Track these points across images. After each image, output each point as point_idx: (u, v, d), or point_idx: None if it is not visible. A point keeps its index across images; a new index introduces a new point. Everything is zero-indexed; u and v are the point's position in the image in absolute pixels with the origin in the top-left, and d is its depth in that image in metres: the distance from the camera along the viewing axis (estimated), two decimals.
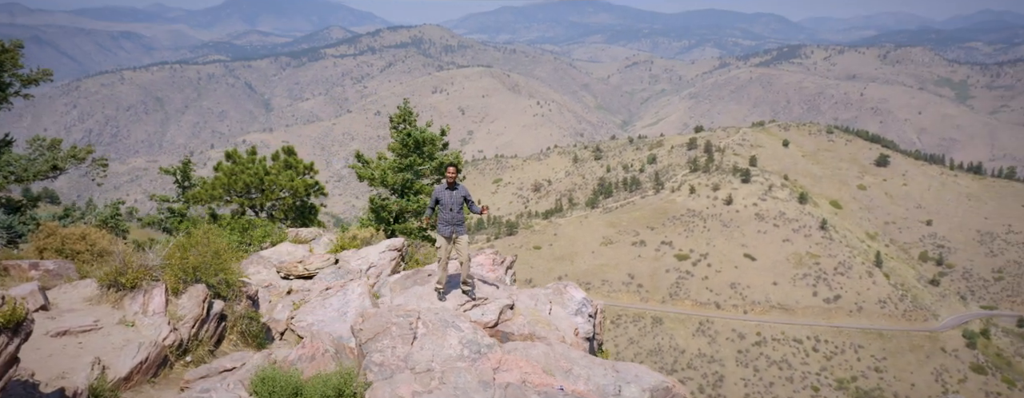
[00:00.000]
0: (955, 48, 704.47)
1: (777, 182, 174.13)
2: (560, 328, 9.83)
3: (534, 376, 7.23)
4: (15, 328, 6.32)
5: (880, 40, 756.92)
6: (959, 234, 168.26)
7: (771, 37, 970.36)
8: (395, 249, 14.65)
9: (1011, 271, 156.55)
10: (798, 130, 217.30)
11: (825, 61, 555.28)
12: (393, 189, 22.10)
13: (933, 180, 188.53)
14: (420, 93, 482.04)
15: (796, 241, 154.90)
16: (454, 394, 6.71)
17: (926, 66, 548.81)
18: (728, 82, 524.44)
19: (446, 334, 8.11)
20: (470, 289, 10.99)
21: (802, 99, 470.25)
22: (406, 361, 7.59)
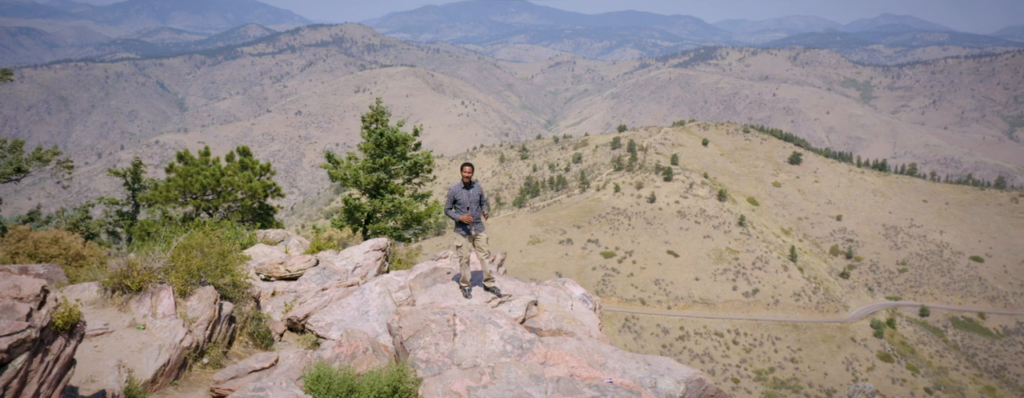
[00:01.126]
0: (859, 50, 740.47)
1: (698, 180, 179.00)
2: (585, 323, 9.97)
3: (581, 370, 7.29)
4: (71, 330, 6.25)
5: (790, 42, 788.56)
6: (866, 228, 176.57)
7: (688, 38, 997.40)
8: (379, 249, 14.61)
9: (913, 263, 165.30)
10: (717, 129, 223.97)
11: (739, 62, 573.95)
12: (365, 189, 21.80)
13: (842, 177, 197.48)
14: (342, 93, 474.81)
15: (716, 237, 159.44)
16: (508, 388, 6.75)
17: (833, 67, 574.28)
18: (648, 82, 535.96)
19: (485, 330, 8.11)
20: (494, 286, 11.03)
21: (719, 99, 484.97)
22: (451, 357, 7.59)
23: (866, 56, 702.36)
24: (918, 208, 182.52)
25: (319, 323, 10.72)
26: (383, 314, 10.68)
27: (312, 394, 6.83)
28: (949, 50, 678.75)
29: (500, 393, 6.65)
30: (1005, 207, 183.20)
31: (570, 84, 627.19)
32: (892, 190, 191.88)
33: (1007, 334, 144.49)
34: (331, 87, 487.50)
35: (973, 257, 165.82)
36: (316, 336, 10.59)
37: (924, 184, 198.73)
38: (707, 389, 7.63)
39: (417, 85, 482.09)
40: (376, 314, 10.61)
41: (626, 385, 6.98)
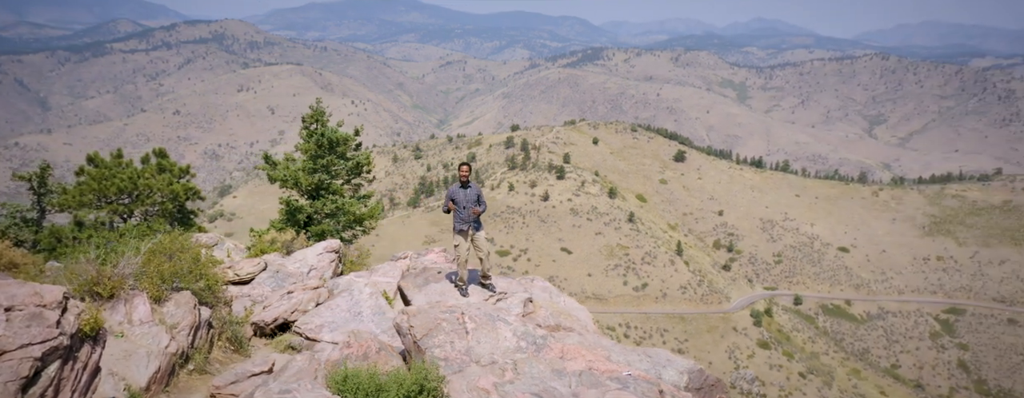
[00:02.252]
0: (735, 52, 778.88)
1: (589, 178, 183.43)
2: (579, 318, 10.16)
3: (598, 363, 7.42)
4: (95, 336, 6.14)
5: (672, 44, 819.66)
6: (745, 223, 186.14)
7: (576, 39, 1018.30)
8: (333, 251, 14.42)
9: (788, 255, 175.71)
10: (606, 128, 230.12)
11: (625, 63, 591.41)
12: (305, 191, 21.31)
13: (723, 174, 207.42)
14: (225, 91, 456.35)
15: (607, 234, 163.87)
16: (533, 383, 6.82)
17: (711, 69, 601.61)
18: (539, 82, 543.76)
19: (496, 328, 8.15)
20: (490, 283, 11.12)
21: (606, 99, 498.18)
22: (468, 355, 7.61)
23: (741, 58, 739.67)
24: (791, 202, 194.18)
25: (308, 326, 10.62)
26: (377, 315, 10.61)
27: (340, 395, 6.82)
28: (814, 53, 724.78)
29: (527, 388, 6.76)
30: (867, 200, 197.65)
31: (462, 84, 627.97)
32: (768, 186, 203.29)
33: (870, 319, 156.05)
34: (212, 86, 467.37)
35: (840, 248, 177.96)
36: (305, 338, 10.46)
37: (796, 180, 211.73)
38: (707, 379, 8.03)
39: (305, 84, 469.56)
40: (370, 315, 10.57)
41: (644, 377, 7.21)
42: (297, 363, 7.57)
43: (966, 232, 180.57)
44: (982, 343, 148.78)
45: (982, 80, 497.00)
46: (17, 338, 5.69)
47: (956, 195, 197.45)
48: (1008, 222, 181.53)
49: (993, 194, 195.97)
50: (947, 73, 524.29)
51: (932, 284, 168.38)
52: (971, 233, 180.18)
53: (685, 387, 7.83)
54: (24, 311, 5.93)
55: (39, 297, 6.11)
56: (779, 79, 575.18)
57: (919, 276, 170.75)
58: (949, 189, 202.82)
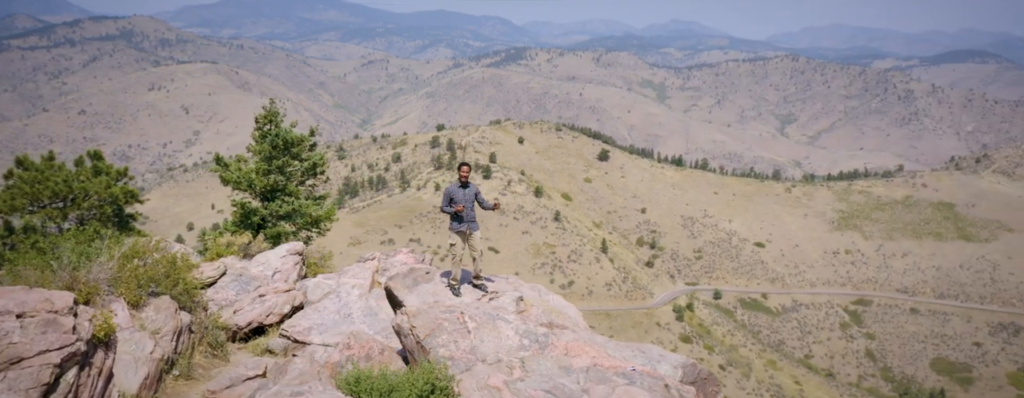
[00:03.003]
0: (653, 53, 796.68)
1: (515, 177, 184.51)
2: (570, 316, 10.20)
3: (602, 360, 7.53)
4: (108, 342, 6.11)
5: (593, 45, 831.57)
6: (667, 220, 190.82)
7: (499, 39, 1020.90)
8: (296, 253, 14.22)
9: (708, 251, 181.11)
10: (531, 128, 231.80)
11: (548, 63, 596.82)
12: (259, 193, 20.79)
13: (645, 172, 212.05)
14: (135, 90, 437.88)
15: (534, 233, 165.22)
16: (542, 380, 6.87)
17: (631, 69, 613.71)
18: (462, 82, 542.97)
19: (497, 326, 8.15)
20: (482, 283, 11.11)
21: (530, 99, 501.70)
22: (474, 353, 7.63)
23: (660, 58, 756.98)
24: (710, 200, 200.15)
25: (296, 328, 10.50)
26: (369, 316, 10.46)
27: (353, 395, 6.80)
28: (729, 54, 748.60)
29: (537, 385, 6.84)
30: (781, 197, 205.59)
31: (385, 83, 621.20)
32: (688, 184, 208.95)
33: (784, 312, 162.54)
34: (120, 84, 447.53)
35: (756, 243, 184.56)
36: (293, 341, 10.32)
37: (715, 178, 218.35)
38: (701, 373, 8.28)
39: (220, 83, 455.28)
40: (361, 316, 10.44)
41: (648, 372, 7.35)
42: (297, 365, 7.54)
43: (871, 226, 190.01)
44: (887, 332, 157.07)
45: (884, 81, 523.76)
46: (34, 344, 5.62)
47: (862, 191, 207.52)
48: (909, 216, 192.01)
49: (895, 190, 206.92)
50: (852, 74, 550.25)
51: (841, 277, 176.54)
52: (876, 227, 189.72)
53: (680, 381, 8.00)
54: (37, 317, 5.86)
55: (50, 303, 6.05)
56: (696, 80, 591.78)
57: (829, 269, 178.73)
58: (856, 185, 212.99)
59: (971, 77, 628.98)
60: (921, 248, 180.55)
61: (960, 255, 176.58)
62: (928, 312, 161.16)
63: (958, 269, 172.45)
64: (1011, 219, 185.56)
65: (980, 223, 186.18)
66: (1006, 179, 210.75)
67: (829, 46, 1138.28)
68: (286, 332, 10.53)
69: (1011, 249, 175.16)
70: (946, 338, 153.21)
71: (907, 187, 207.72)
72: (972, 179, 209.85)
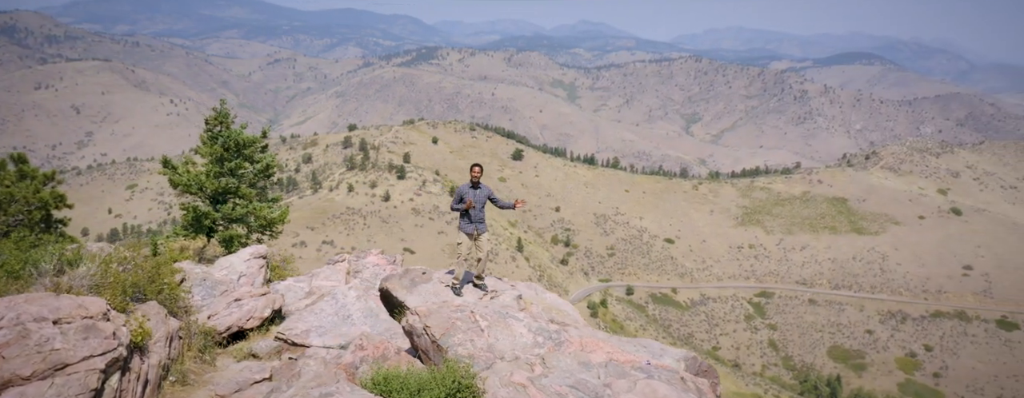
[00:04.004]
0: (563, 54, 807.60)
1: (430, 177, 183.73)
2: (569, 313, 10.26)
3: (617, 354, 7.67)
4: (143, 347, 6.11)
5: (504, 45, 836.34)
6: (580, 218, 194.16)
7: (409, 38, 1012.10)
8: (260, 257, 13.96)
9: (620, 248, 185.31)
10: (445, 128, 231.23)
11: (460, 63, 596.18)
12: (210, 195, 20.22)
13: (558, 171, 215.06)
14: (19, 90, 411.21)
15: (449, 233, 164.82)
16: (565, 376, 6.97)
17: (542, 69, 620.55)
18: (373, 81, 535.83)
19: (509, 324, 8.20)
20: (483, 283, 11.18)
21: (443, 98, 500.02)
22: (491, 352, 7.67)
23: (569, 59, 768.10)
24: (622, 198, 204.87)
25: (293, 331, 10.33)
26: (370, 317, 10.30)
27: (383, 395, 6.79)
28: (636, 55, 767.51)
29: (561, 381, 6.97)
30: (688, 194, 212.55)
31: (292, 82, 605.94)
32: (600, 182, 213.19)
33: (693, 305, 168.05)
34: (3, 83, 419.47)
35: (666, 239, 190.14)
36: (291, 344, 10.14)
37: (626, 176, 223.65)
38: (701, 365, 8.58)
39: (115, 82, 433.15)
40: (362, 317, 10.28)
41: (662, 366, 7.53)
42: (312, 367, 7.50)
43: (772, 221, 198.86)
44: (788, 323, 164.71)
45: (780, 82, 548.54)
46: (78, 350, 5.59)
47: (763, 188, 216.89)
48: (807, 211, 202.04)
49: (794, 186, 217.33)
50: (751, 75, 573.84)
51: (745, 270, 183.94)
52: (777, 222, 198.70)
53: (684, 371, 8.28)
54: (73, 324, 5.82)
55: (84, 309, 6.02)
56: (605, 80, 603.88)
57: (734, 263, 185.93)
58: (758, 182, 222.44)
59: (859, 78, 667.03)
60: (818, 241, 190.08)
61: (853, 247, 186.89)
62: (825, 302, 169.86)
63: (851, 261, 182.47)
64: (897, 212, 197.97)
65: (870, 217, 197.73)
66: (892, 175, 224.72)
67: (730, 48, 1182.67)
68: (283, 335, 10.35)
69: (898, 241, 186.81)
70: (841, 327, 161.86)
71: (804, 183, 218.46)
72: (863, 175, 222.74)
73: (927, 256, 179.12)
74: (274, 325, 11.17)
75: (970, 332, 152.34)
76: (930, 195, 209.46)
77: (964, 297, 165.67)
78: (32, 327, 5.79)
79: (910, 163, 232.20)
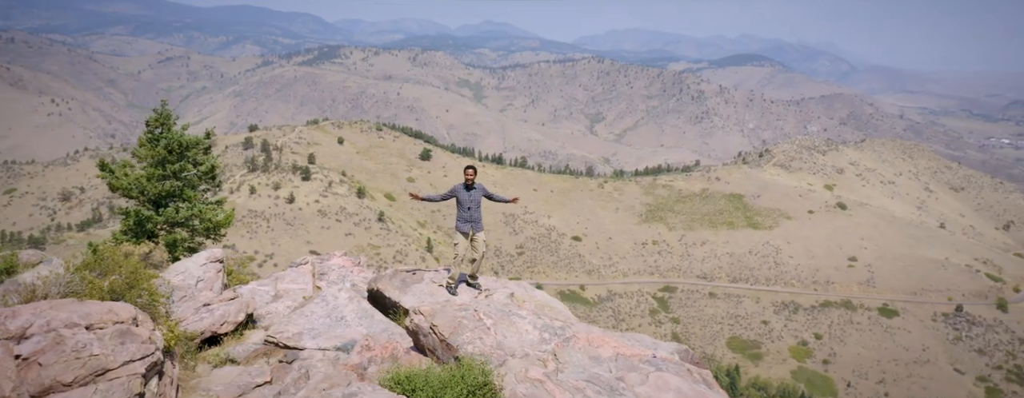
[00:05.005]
0: (468, 53, 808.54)
1: (336, 178, 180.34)
2: (560, 309, 10.31)
3: (623, 349, 7.80)
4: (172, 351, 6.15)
5: (408, 44, 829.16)
6: (490, 217, 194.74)
7: (310, 37, 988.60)
8: (217, 260, 13.52)
9: (529, 246, 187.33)
10: (351, 128, 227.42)
11: (363, 62, 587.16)
12: (152, 199, 19.45)
13: None
14: None
15: (358, 234, 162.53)
16: (579, 370, 7.09)
17: (448, 69, 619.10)
18: (273, 80, 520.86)
19: (513, 322, 8.25)
20: (477, 282, 11.51)
21: (346, 98, 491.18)
22: (501, 349, 7.72)
23: (475, 59, 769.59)
24: (530, 196, 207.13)
25: (284, 334, 10.13)
26: (365, 319, 10.10)
27: (406, 395, 6.81)
28: (540, 55, 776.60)
29: (576, 375, 7.11)
30: (595, 192, 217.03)
31: (186, 81, 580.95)
32: (509, 181, 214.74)
33: (601, 302, 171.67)
34: None
35: (574, 237, 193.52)
36: (283, 347, 9.93)
37: (533, 175, 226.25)
38: (693, 357, 8.88)
39: None
40: (356, 319, 10.10)
41: (668, 359, 7.67)
42: (320, 369, 7.44)
43: (674, 218, 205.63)
44: (690, 316, 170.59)
45: (679, 82, 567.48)
46: (117, 355, 5.56)
47: (665, 185, 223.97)
48: (706, 208, 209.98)
49: (694, 183, 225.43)
50: (651, 75, 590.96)
51: (650, 266, 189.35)
52: (678, 219, 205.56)
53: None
54: (106, 329, 5.80)
55: (114, 314, 5.99)
56: (511, 80, 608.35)
57: (639, 260, 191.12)
58: (660, 180, 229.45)
59: (751, 79, 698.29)
60: (717, 237, 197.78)
61: (749, 242, 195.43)
62: (724, 295, 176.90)
63: (748, 255, 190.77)
64: (789, 207, 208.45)
65: (764, 212, 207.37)
66: (784, 171, 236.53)
67: (630, 49, 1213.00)
68: (274, 338, 10.13)
69: (790, 235, 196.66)
70: (739, 318, 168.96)
71: (704, 181, 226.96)
72: (757, 172, 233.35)
73: (816, 249, 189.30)
74: (248, 329, 11.02)
75: (855, 320, 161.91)
76: (818, 191, 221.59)
77: (850, 287, 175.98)
78: (66, 333, 5.74)
79: (800, 160, 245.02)
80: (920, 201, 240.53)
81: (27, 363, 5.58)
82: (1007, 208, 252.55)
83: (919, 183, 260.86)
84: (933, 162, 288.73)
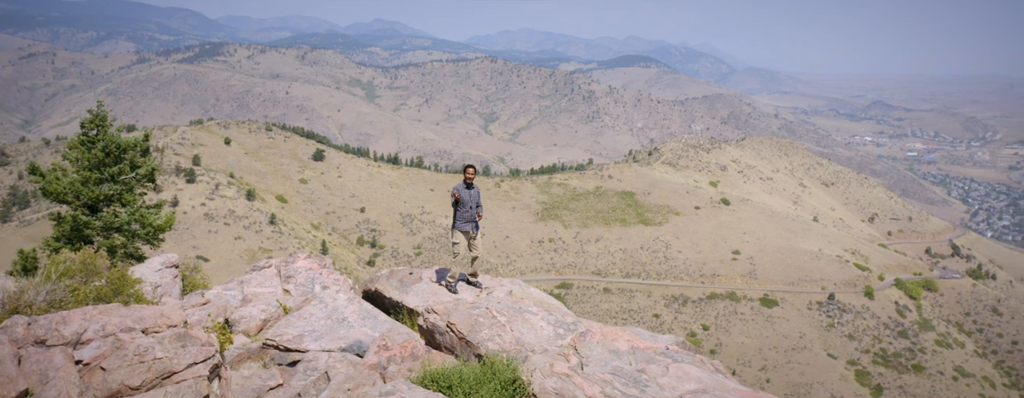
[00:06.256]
0: (360, 52, 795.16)
1: (224, 180, 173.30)
2: (558, 306, 10.32)
3: (637, 342, 7.90)
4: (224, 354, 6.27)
5: (296, 42, 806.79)
6: (386, 218, 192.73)
7: (190, 33, 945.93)
8: (173, 266, 13.38)
9: (427, 246, 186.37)
10: (238, 128, 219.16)
11: (249, 60, 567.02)
12: (87, 203, 18.53)
13: (362, 171, 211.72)
14: None
15: (248, 238, 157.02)
16: (602, 363, 7.15)
17: (338, 67, 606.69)
18: (151, 78, 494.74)
19: (527, 319, 8.31)
20: (477, 280, 11.58)
21: (231, 97, 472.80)
22: (520, 345, 7.81)
23: (366, 57, 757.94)
24: (427, 197, 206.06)
25: (284, 337, 9.78)
26: (368, 319, 9.79)
27: (442, 392, 6.81)
28: (433, 54, 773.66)
29: (601, 368, 7.17)
30: (491, 191, 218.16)
31: (52, 79, 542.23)
32: (405, 181, 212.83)
33: None
34: None
35: None
36: (283, 350, 9.34)
37: (430, 175, 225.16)
38: (689, 348, 8.99)
39: None
40: (359, 320, 9.82)
41: (680, 350, 7.72)
42: (343, 371, 7.22)
43: (569, 215, 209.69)
44: (586, 311, 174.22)
45: (570, 82, 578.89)
46: (180, 358, 5.56)
47: (560, 184, 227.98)
48: (600, 205, 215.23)
49: (588, 181, 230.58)
50: (543, 75, 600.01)
51: (546, 263, 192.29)
52: (573, 216, 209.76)
53: None
54: (162, 333, 5.77)
55: (167, 318, 6.00)
56: (404, 79, 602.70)
57: (536, 257, 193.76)
58: (555, 178, 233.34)
59: (638, 79, 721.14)
60: (610, 233, 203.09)
61: (640, 238, 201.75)
62: (618, 290, 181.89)
63: (640, 250, 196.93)
64: (677, 204, 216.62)
65: (655, 209, 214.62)
66: (672, 169, 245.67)
67: (522, 49, 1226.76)
68: (273, 341, 9.71)
69: (678, 230, 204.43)
70: (632, 312, 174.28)
71: (597, 179, 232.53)
72: (647, 170, 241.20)
73: (703, 243, 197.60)
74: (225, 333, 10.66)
75: (739, 311, 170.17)
76: (704, 187, 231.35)
77: (734, 279, 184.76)
78: (124, 338, 5.72)
79: (686, 158, 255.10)
80: (795, 196, 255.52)
81: (89, 368, 5.57)
82: (871, 202, 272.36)
83: (794, 179, 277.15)
84: (806, 159, 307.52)
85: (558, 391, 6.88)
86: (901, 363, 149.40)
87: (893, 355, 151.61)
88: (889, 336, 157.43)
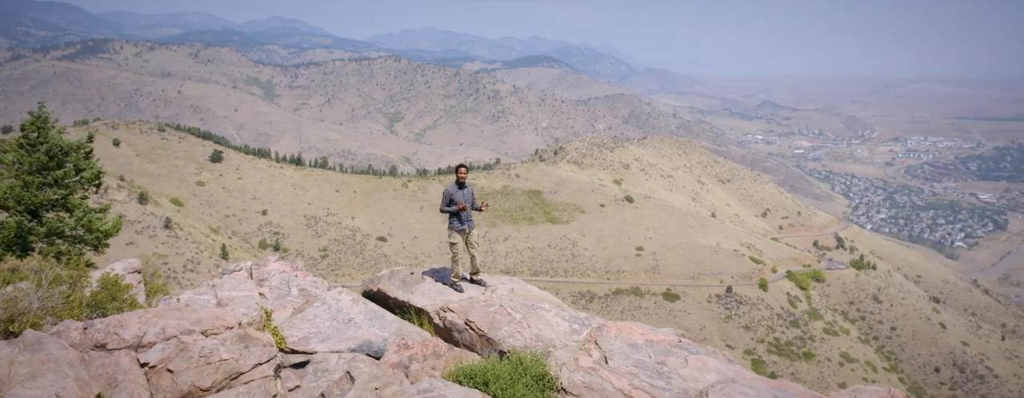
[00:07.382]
0: (257, 50, 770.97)
1: (114, 184, 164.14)
2: (558, 302, 10.12)
3: (650, 335, 7.99)
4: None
5: (188, 39, 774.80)
6: (290, 220, 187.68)
7: (70, 29, 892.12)
8: (136, 271, 13.41)
9: (333, 248, 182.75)
10: (128, 129, 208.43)
11: (137, 57, 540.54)
12: (29, 209, 17.77)
13: (264, 173, 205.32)
14: None
15: (141, 243, 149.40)
16: (624, 357, 7.25)
17: (235, 66, 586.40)
18: (27, 76, 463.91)
19: (541, 315, 8.46)
20: (480, 279, 11.62)
21: (118, 96, 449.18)
22: (540, 340, 7.91)
23: (264, 56, 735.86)
24: (332, 198, 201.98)
25: (290, 339, 9.40)
26: (376, 319, 9.54)
27: (479, 389, 6.84)
28: (334, 53, 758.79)
29: (623, 362, 7.27)
30: (399, 191, 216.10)
31: None
32: (309, 183, 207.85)
33: None
34: None
35: (379, 237, 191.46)
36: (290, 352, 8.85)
37: (335, 176, 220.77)
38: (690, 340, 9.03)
39: None
40: (366, 320, 9.64)
41: (690, 342, 7.68)
42: (366, 370, 7.04)
43: (478, 215, 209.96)
44: None
45: (475, 82, 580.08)
46: (245, 359, 5.66)
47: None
48: (508, 204, 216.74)
49: (496, 180, 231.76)
50: (448, 75, 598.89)
51: None
52: (483, 215, 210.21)
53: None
54: (222, 334, 5.80)
55: (222, 320, 6.05)
56: (304, 78, 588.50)
57: (445, 258, 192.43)
58: None
59: (542, 79, 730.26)
60: (518, 232, 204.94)
61: (548, 236, 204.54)
62: None
63: (548, 248, 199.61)
64: (583, 202, 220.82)
65: (561, 207, 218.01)
66: (577, 168, 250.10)
67: (426, 49, 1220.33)
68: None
69: (585, 228, 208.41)
70: None
71: (504, 178, 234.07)
72: (553, 169, 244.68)
73: (608, 240, 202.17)
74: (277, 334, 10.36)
75: (643, 305, 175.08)
76: (608, 185, 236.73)
77: (638, 275, 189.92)
78: (187, 340, 5.73)
79: (590, 157, 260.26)
80: (694, 193, 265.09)
81: (156, 371, 5.58)
82: (764, 197, 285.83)
83: (693, 176, 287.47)
84: (703, 157, 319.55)
85: (588, 385, 6.97)
86: (793, 351, 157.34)
87: (786, 344, 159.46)
88: (782, 326, 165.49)
